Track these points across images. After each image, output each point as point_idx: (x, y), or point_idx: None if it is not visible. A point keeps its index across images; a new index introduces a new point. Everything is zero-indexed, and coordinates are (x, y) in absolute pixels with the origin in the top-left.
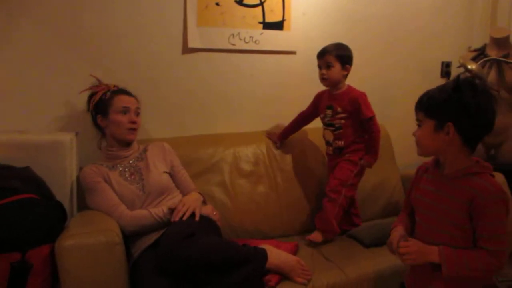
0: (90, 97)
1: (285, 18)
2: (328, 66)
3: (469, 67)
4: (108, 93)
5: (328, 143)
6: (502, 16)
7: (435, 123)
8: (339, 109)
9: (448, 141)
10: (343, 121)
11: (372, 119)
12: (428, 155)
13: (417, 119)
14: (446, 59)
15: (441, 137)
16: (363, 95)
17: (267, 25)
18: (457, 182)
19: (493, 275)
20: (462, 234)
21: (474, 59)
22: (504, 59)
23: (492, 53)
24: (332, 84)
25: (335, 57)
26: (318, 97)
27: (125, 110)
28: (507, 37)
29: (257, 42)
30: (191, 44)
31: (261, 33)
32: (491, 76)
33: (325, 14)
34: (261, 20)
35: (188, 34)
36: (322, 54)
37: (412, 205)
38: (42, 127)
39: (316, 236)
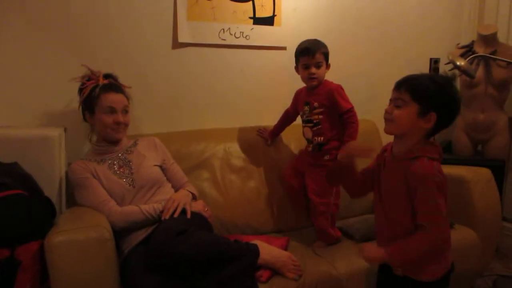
0: (80, 90)
1: (275, 13)
2: (318, 66)
3: (458, 63)
4: (97, 90)
5: (308, 140)
6: (489, 13)
7: (419, 108)
8: (315, 104)
9: (423, 128)
10: (320, 116)
11: (351, 110)
12: (396, 134)
13: (399, 98)
14: (435, 55)
15: (420, 123)
16: (339, 87)
17: (258, 21)
18: (399, 163)
19: (439, 249)
20: (397, 209)
21: (462, 56)
22: (492, 56)
23: (480, 50)
24: (319, 83)
25: (323, 55)
26: (297, 95)
27: (111, 110)
28: (495, 34)
29: (247, 37)
30: (181, 39)
31: (252, 28)
32: (479, 73)
33: (315, 10)
34: (251, 15)
35: (178, 29)
36: (313, 52)
37: (364, 173)
38: (30, 122)
39: (319, 245)
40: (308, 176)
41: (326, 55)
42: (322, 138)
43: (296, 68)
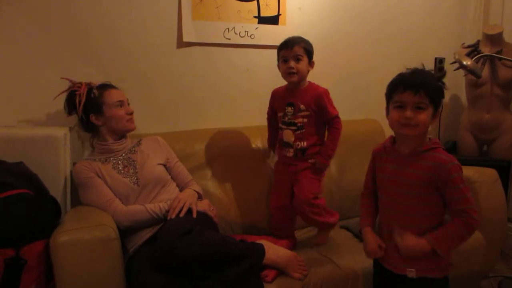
0: (71, 99)
1: (280, 12)
2: (298, 59)
3: (464, 62)
4: (95, 91)
5: (287, 144)
6: (494, 12)
7: (433, 109)
8: (302, 107)
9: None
10: (305, 120)
11: (338, 116)
12: (417, 136)
13: (421, 102)
14: (440, 55)
15: (432, 121)
16: (327, 92)
17: (262, 20)
18: (416, 157)
19: (475, 231)
20: (422, 202)
21: (468, 55)
22: (498, 55)
23: (485, 50)
24: (300, 79)
25: (304, 49)
26: (274, 95)
27: (120, 104)
28: (500, 34)
29: (252, 36)
30: (186, 38)
31: (256, 28)
32: (485, 73)
33: (320, 9)
34: (256, 14)
35: (183, 28)
36: (291, 45)
37: (373, 185)
38: (35, 122)
39: (322, 238)
40: (295, 185)
41: (308, 51)
42: (305, 143)
43: (278, 65)
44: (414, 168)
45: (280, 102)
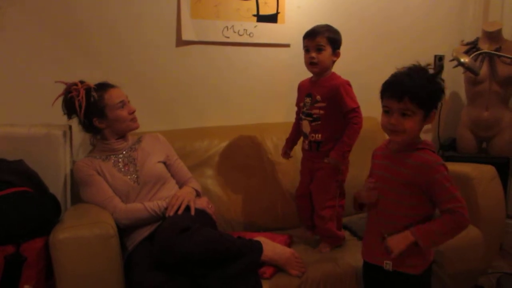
0: (69, 103)
1: (279, 11)
2: (319, 49)
3: (462, 60)
4: (94, 94)
5: (304, 135)
6: (494, 9)
7: (424, 113)
8: (318, 98)
9: (423, 125)
10: (322, 112)
11: (355, 110)
12: (406, 141)
13: (407, 109)
14: (439, 52)
15: (423, 124)
16: (346, 83)
17: (261, 18)
18: (404, 156)
19: (463, 230)
20: (405, 200)
21: (467, 53)
22: (496, 53)
23: (484, 47)
24: (321, 70)
25: (327, 39)
26: (299, 87)
27: (122, 104)
28: (499, 31)
29: (251, 35)
30: (185, 37)
31: (255, 26)
32: (483, 70)
33: (319, 7)
34: (255, 12)
35: (182, 27)
36: (313, 35)
37: None
38: (36, 120)
39: (324, 247)
40: (311, 187)
41: (332, 40)
42: (319, 136)
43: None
44: (400, 166)
45: (302, 92)
